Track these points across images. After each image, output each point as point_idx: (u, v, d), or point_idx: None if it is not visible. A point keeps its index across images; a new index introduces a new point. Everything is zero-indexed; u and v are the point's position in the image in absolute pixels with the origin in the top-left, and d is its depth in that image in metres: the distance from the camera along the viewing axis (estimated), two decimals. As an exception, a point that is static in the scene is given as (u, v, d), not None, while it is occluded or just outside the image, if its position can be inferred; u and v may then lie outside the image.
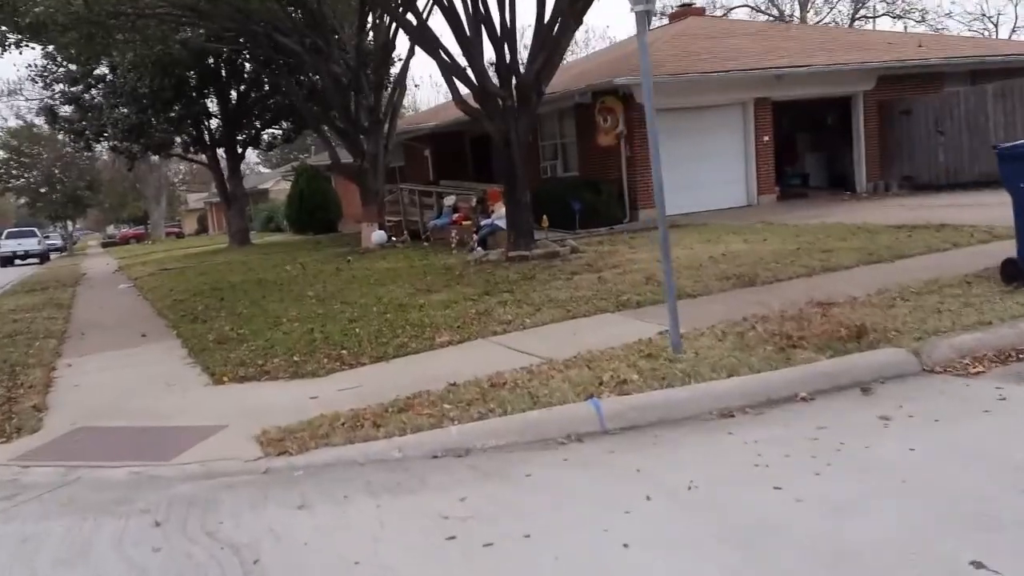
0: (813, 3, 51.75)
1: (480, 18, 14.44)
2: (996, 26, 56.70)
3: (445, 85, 15.08)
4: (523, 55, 15.60)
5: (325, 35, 20.99)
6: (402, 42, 21.62)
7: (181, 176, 79.28)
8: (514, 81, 14.55)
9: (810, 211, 19.62)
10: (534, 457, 5.71)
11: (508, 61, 14.59)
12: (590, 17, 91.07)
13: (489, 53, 14.89)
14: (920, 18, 50.61)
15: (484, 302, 10.82)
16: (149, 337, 12.04)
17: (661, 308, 9.60)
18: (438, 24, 61.63)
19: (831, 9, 53.51)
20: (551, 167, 24.42)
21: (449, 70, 15.04)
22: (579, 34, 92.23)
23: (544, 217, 19.09)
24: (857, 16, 52.39)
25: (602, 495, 4.93)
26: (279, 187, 54.64)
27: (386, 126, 22.44)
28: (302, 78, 25.89)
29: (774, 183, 23.00)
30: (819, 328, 7.72)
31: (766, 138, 22.54)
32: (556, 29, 14.04)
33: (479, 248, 18.03)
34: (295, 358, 8.90)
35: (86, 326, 13.87)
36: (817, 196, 23.84)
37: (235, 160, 32.03)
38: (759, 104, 22.27)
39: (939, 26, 49.92)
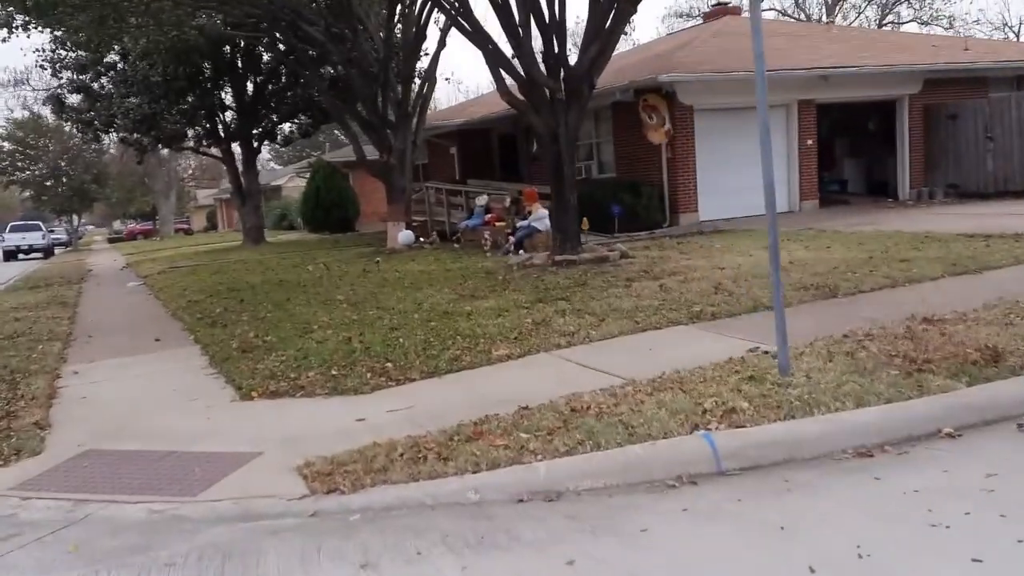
0: (841, 7, 50.67)
1: (529, 5, 13.37)
2: (1017, 35, 55.40)
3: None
4: (569, 49, 14.53)
5: (352, 23, 19.95)
6: (431, 34, 20.42)
7: (191, 171, 78.30)
8: (562, 73, 13.47)
9: (857, 218, 18.56)
10: (644, 504, 4.71)
11: (556, 51, 13.52)
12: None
13: (535, 44, 13.79)
14: (948, 24, 49.51)
15: (539, 311, 9.77)
16: (164, 342, 11.02)
17: (740, 321, 8.62)
18: (481, 9, 60.53)
19: (858, 14, 52.41)
20: (585, 168, 23.35)
21: (496, 60, 14.01)
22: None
23: (584, 220, 18.00)
24: (884, 22, 51.31)
25: (750, 564, 3.90)
26: (293, 184, 53.61)
27: (414, 121, 21.38)
28: (326, 69, 24.81)
29: (816, 189, 21.88)
30: (942, 349, 6.71)
31: (809, 142, 21.47)
32: (612, 16, 12.98)
33: (515, 251, 16.99)
34: (333, 371, 7.87)
35: (93, 328, 12.86)
36: (859, 203, 22.76)
37: (250, 154, 30.93)
38: (803, 106, 21.21)
39: (965, 32, 48.73)
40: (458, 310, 10.30)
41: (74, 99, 29.65)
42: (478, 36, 14.02)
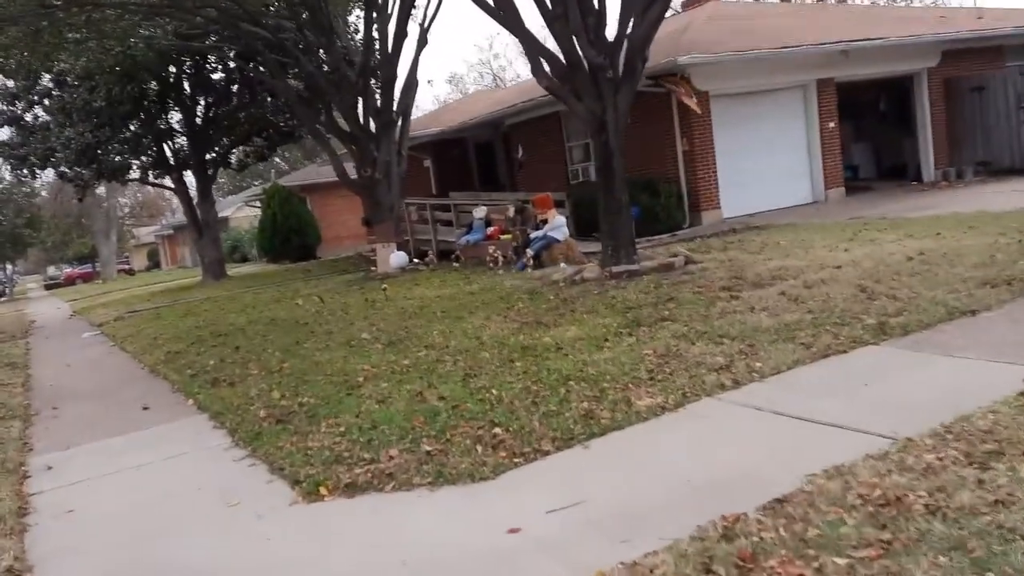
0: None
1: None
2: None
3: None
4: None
5: (322, 24, 17.64)
6: (411, 31, 18.17)
7: (128, 209, 74.86)
8: (595, 54, 11.29)
9: (900, 203, 16.76)
10: None
11: (596, 27, 11.38)
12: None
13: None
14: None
15: (649, 338, 7.60)
16: (155, 410, 8.65)
17: (944, 334, 6.49)
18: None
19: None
20: (583, 170, 21.27)
21: (534, 45, 11.86)
22: (551, 42, 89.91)
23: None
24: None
25: None
26: (242, 214, 50.79)
27: (398, 129, 19.09)
28: (294, 80, 22.36)
29: (841, 176, 20.00)
30: None
31: (831, 124, 19.61)
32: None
33: (534, 265, 14.83)
34: (425, 447, 5.59)
35: (57, 395, 10.40)
36: (883, 188, 20.97)
37: (205, 182, 28.25)
38: (822, 86, 19.35)
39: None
40: (537, 343, 8.06)
41: (3, 133, 26.78)
42: (510, 16, 11.82)
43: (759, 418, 5.33)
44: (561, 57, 11.71)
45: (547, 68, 11.91)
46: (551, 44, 12.76)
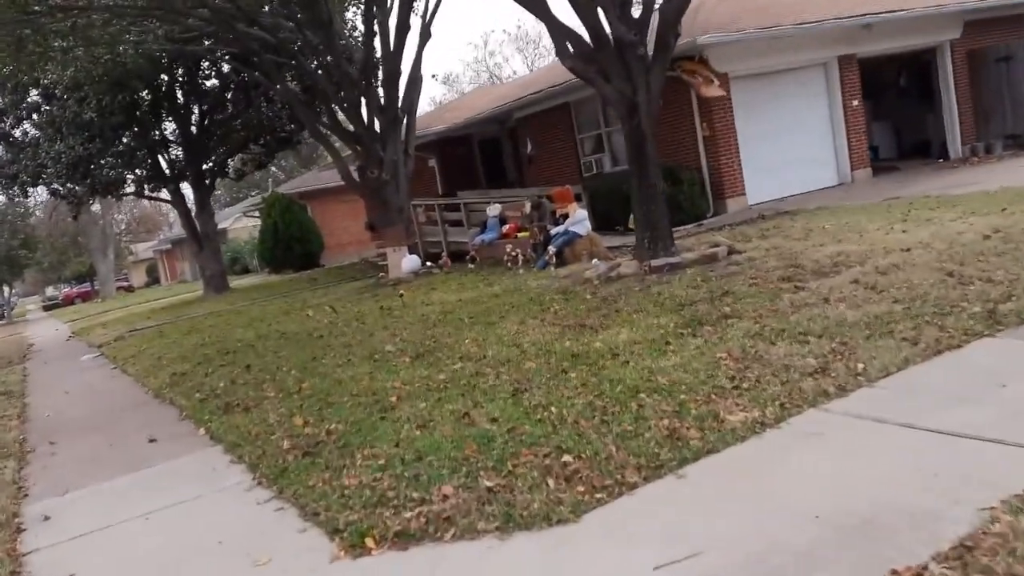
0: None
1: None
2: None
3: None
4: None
5: (320, 19, 16.75)
6: (413, 24, 17.28)
7: (125, 225, 73.93)
8: (625, 30, 10.41)
9: (935, 181, 15.97)
10: None
11: (623, 1, 10.50)
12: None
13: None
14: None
15: (714, 339, 6.74)
16: (162, 442, 7.79)
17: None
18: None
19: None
20: (596, 162, 20.40)
21: (557, 25, 11.01)
22: (545, 37, 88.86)
23: (632, 216, 15.05)
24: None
25: None
26: (240, 225, 49.88)
27: (403, 127, 18.21)
28: (293, 81, 21.47)
29: (867, 156, 19.12)
30: None
31: (855, 102, 18.75)
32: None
33: (557, 262, 13.98)
34: (485, 482, 4.72)
35: (54, 427, 9.54)
36: (909, 167, 20.08)
37: (203, 193, 27.33)
38: (844, 62, 18.48)
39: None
40: (588, 350, 7.19)
41: (-7, 152, 25.89)
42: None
43: (886, 433, 4.47)
44: (586, 36, 10.82)
45: (571, 49, 11.01)
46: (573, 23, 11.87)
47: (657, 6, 10.63)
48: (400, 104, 17.90)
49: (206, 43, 20.11)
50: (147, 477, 6.67)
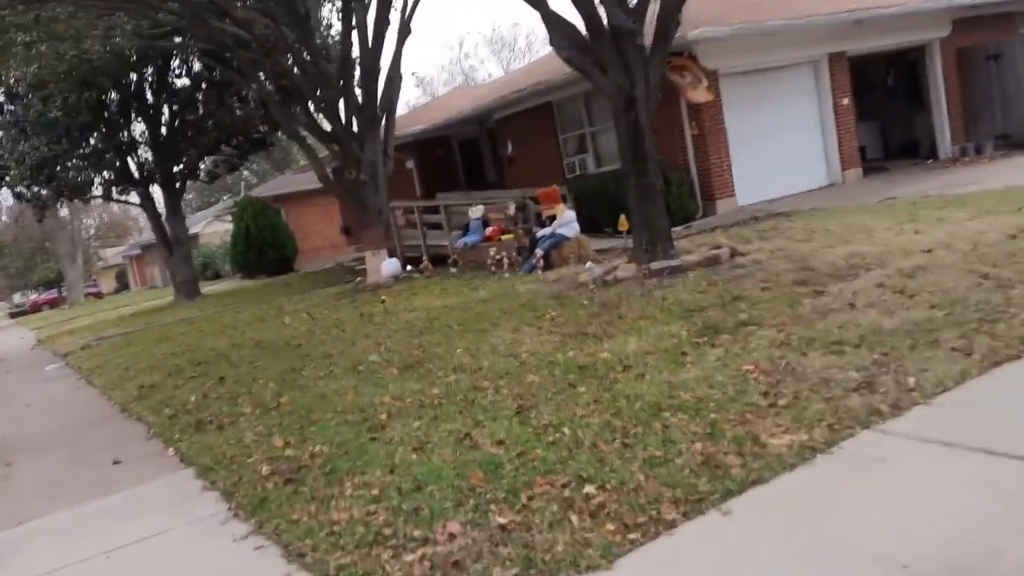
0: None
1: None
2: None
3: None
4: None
5: (298, 14, 16.09)
6: (393, 19, 16.66)
7: (94, 230, 72.67)
8: (624, 18, 9.83)
9: (930, 181, 15.54)
10: None
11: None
12: (533, 20, 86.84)
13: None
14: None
15: (740, 348, 6.18)
16: (128, 463, 7.16)
17: None
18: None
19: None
20: (579, 163, 19.83)
21: (550, 14, 10.40)
22: (520, 40, 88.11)
23: (622, 218, 14.50)
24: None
25: None
26: (211, 229, 48.92)
27: (383, 126, 17.55)
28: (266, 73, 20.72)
29: (858, 156, 18.68)
30: None
31: (845, 101, 18.30)
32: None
33: (544, 265, 13.41)
34: (497, 518, 4.14)
35: (11, 446, 8.88)
36: (899, 167, 19.65)
37: (173, 196, 26.45)
38: (834, 60, 18.03)
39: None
40: (595, 361, 6.59)
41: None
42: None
43: (959, 458, 3.91)
44: (582, 27, 10.24)
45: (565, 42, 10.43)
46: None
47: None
48: (379, 102, 17.23)
49: (177, 39, 19.31)
50: (111, 506, 6.03)
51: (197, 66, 24.07)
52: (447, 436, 5.49)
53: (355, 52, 17.55)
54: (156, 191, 26.93)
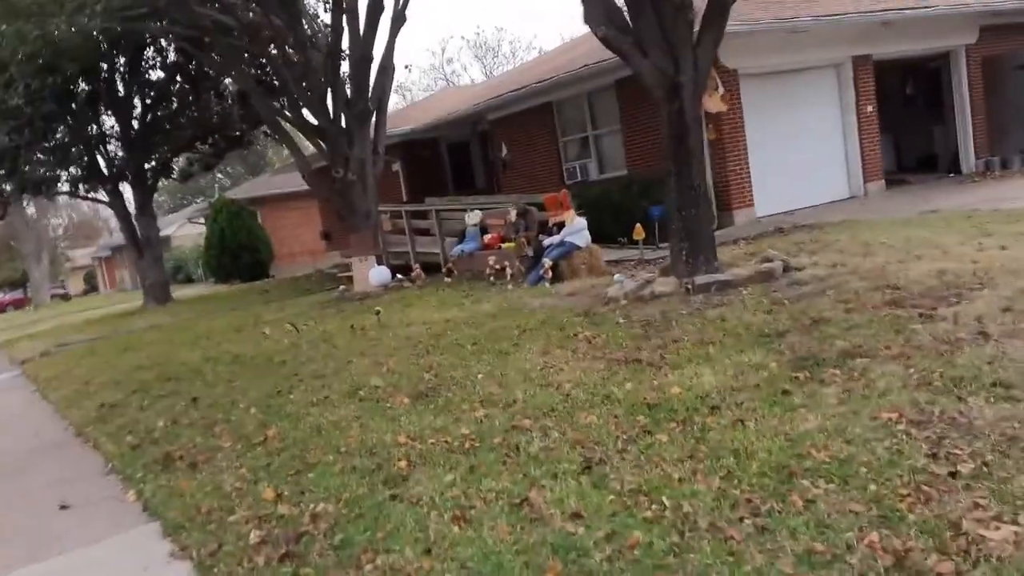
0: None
1: None
2: None
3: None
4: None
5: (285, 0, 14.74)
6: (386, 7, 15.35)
7: (62, 230, 70.66)
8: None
9: (966, 195, 14.57)
10: None
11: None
12: (517, 25, 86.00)
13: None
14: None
15: (864, 387, 4.87)
16: (78, 509, 5.81)
17: None
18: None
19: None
20: (580, 168, 18.58)
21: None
22: (504, 45, 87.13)
23: (638, 227, 13.28)
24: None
25: None
26: (183, 232, 47.28)
27: (372, 123, 16.20)
28: (248, 63, 19.28)
29: (881, 167, 17.54)
30: None
31: (870, 108, 17.16)
32: None
33: (552, 277, 12.14)
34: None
35: (-54, 475, 7.41)
36: (921, 181, 18.55)
37: (144, 195, 24.89)
38: (859, 64, 16.91)
39: None
40: (667, 397, 5.28)
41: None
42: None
43: None
44: (620, 1, 8.96)
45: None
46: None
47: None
48: (370, 95, 15.87)
49: (153, 24, 17.83)
50: (53, 571, 4.64)
51: (173, 56, 22.59)
52: (495, 499, 4.16)
53: (345, 41, 16.21)
54: (126, 189, 25.37)
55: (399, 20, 16.00)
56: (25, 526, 5.63)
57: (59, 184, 24.74)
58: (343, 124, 15.96)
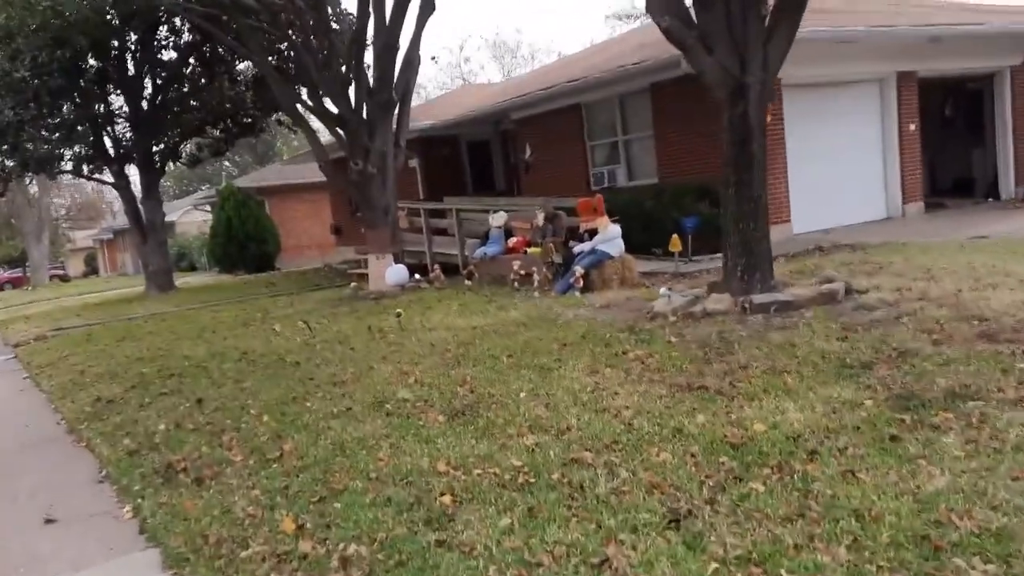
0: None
1: None
2: None
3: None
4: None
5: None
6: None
7: (65, 210, 69.93)
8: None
9: (1012, 223, 13.84)
10: None
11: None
12: (535, 30, 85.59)
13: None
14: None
15: (987, 437, 4.18)
16: (64, 524, 5.14)
17: None
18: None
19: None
20: (608, 174, 17.86)
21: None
22: (524, 48, 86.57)
23: (674, 238, 12.61)
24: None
25: None
26: (189, 219, 46.58)
27: (395, 114, 15.50)
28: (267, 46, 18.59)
29: (922, 188, 16.85)
30: None
31: (912, 126, 16.48)
32: None
33: (583, 286, 11.47)
34: None
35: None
36: (959, 206, 17.85)
37: (152, 178, 24.14)
38: (903, 80, 16.22)
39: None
40: (752, 436, 4.59)
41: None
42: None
43: None
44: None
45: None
46: None
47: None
48: (394, 85, 15.16)
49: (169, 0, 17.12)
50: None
51: (187, 37, 21.87)
52: (566, 555, 3.46)
53: (370, 29, 15.54)
54: (132, 171, 24.65)
55: (427, 9, 15.28)
56: (6, 541, 4.95)
57: (63, 163, 24.00)
58: (364, 114, 15.25)
